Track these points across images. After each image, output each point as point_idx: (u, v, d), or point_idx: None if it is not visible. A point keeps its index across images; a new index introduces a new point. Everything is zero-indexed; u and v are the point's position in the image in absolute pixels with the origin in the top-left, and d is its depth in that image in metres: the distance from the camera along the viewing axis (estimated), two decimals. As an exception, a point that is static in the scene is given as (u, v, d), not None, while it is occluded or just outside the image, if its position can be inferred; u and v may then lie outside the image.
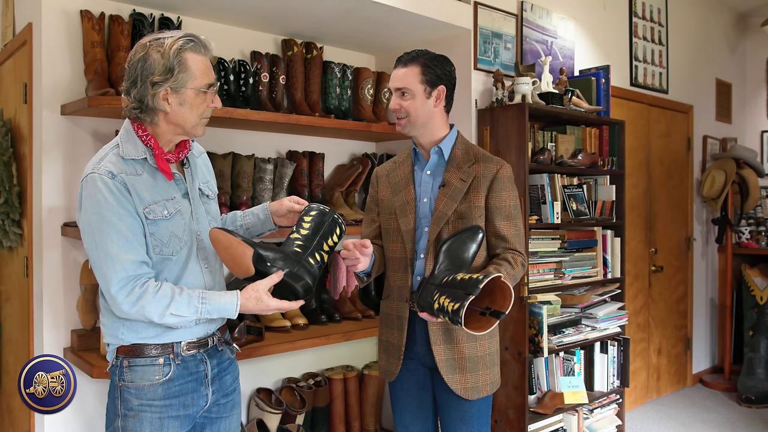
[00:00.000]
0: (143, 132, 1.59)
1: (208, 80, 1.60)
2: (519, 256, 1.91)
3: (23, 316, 2.49)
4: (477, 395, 1.90)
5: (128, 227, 1.51)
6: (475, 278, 1.62)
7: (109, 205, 1.50)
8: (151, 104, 1.55)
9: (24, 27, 2.41)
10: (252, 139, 2.86)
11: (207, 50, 1.60)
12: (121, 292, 1.48)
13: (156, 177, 1.60)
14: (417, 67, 1.88)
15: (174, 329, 1.60)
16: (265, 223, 1.89)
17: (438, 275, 1.75)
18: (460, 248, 1.79)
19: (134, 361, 1.58)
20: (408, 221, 1.94)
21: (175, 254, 1.60)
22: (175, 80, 1.53)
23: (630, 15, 4.14)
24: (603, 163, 3.36)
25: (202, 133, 1.65)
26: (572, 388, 3.09)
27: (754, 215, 4.99)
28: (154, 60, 1.52)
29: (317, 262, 1.66)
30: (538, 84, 3.07)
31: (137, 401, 1.57)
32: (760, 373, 4.40)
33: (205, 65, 1.59)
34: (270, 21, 2.79)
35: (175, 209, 1.61)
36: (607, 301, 3.40)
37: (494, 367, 1.96)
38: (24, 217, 2.53)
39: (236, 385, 1.80)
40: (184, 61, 1.54)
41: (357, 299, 3.03)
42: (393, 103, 1.93)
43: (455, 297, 1.62)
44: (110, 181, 1.51)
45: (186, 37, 1.56)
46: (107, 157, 1.56)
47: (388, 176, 2.05)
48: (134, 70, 1.55)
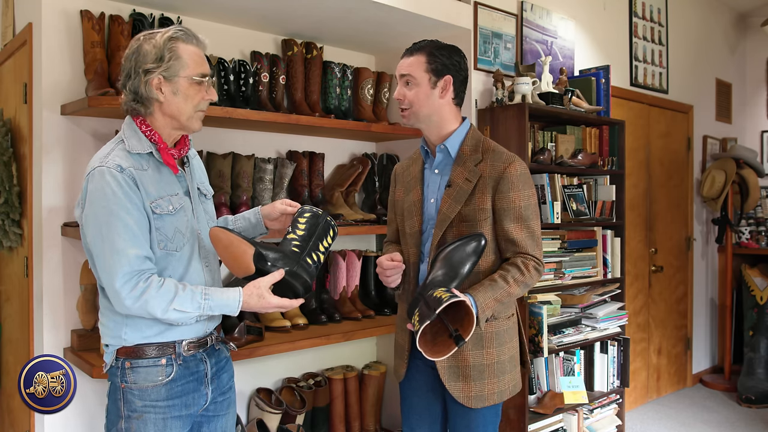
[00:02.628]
0: (146, 127, 1.60)
1: (202, 70, 1.60)
2: (531, 260, 1.78)
3: (23, 316, 2.49)
4: (481, 404, 1.80)
5: (135, 221, 1.51)
6: (440, 298, 1.57)
7: (117, 198, 1.50)
8: (145, 93, 1.56)
9: (24, 27, 2.40)
10: (252, 139, 2.86)
11: (199, 42, 1.62)
12: (126, 286, 1.48)
13: (161, 172, 1.62)
14: (423, 55, 1.80)
15: (175, 327, 1.60)
16: (257, 226, 1.90)
17: (428, 285, 1.69)
18: (457, 259, 1.70)
19: (136, 363, 1.58)
20: (413, 223, 1.88)
21: (179, 250, 1.61)
22: (166, 68, 1.55)
23: (630, 15, 4.14)
24: (603, 163, 3.36)
25: (199, 127, 1.65)
26: (572, 388, 3.09)
27: (754, 215, 4.99)
28: (146, 50, 1.55)
29: (314, 262, 1.67)
30: (538, 84, 3.07)
31: (141, 402, 1.58)
32: (760, 373, 4.40)
33: (198, 55, 1.60)
34: (270, 21, 2.78)
35: (179, 205, 1.62)
36: (607, 301, 3.40)
37: (504, 375, 1.83)
38: (24, 217, 2.53)
39: (232, 383, 1.82)
40: (175, 50, 1.56)
41: (357, 299, 3.03)
42: (397, 92, 1.84)
43: (422, 315, 1.60)
44: (119, 175, 1.51)
45: (177, 29, 1.59)
46: (114, 151, 1.56)
47: (403, 175, 2.00)
48: (128, 62, 1.58)
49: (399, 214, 1.97)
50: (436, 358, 1.63)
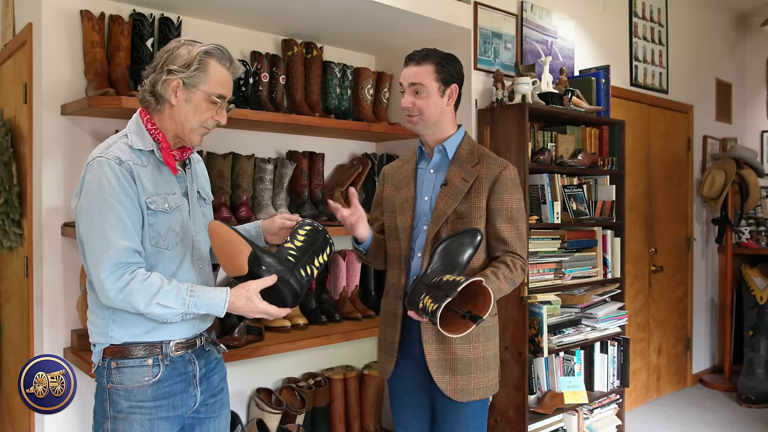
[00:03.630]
0: (152, 125, 1.62)
1: (221, 92, 1.62)
2: (519, 260, 1.89)
3: (23, 316, 2.49)
4: (467, 398, 1.87)
5: (128, 214, 1.52)
6: (456, 281, 1.62)
7: (112, 189, 1.50)
8: (161, 91, 1.58)
9: (24, 27, 2.40)
10: (252, 139, 2.86)
11: (231, 66, 1.65)
12: (111, 277, 1.48)
13: (161, 170, 1.63)
14: (431, 65, 1.87)
15: (164, 327, 1.59)
16: (257, 240, 1.90)
17: (429, 275, 1.75)
18: (456, 250, 1.77)
19: (122, 363, 1.58)
20: (405, 219, 1.94)
21: (170, 248, 1.60)
22: (190, 76, 1.57)
23: (630, 15, 4.14)
24: (603, 163, 3.36)
25: (198, 142, 1.66)
26: (572, 388, 3.09)
27: (754, 215, 4.99)
28: (180, 53, 1.58)
29: (307, 275, 1.66)
30: (538, 84, 3.07)
31: (126, 403, 1.57)
32: (760, 373, 4.40)
33: (224, 77, 1.63)
34: (270, 21, 2.79)
35: (175, 204, 1.63)
36: (607, 301, 3.40)
37: (489, 371, 1.92)
38: (24, 217, 2.53)
39: (224, 385, 1.80)
40: (205, 64, 1.59)
41: (357, 299, 3.03)
42: (406, 100, 1.90)
43: (436, 298, 1.63)
44: (117, 167, 1.52)
45: (218, 47, 1.62)
46: (116, 144, 1.58)
47: (394, 174, 2.06)
48: (160, 57, 1.61)
49: (388, 210, 2.02)
50: (456, 335, 1.66)
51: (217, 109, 1.64)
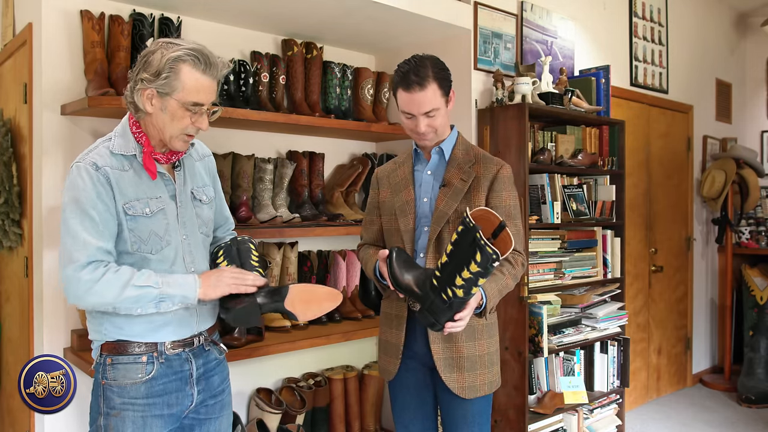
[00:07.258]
0: (137, 129, 1.61)
1: (195, 99, 1.55)
2: (519, 256, 1.92)
3: (23, 316, 2.49)
4: (474, 394, 1.90)
5: (101, 219, 1.52)
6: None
7: (86, 193, 1.52)
8: (136, 100, 1.57)
9: (24, 27, 2.40)
10: (252, 139, 2.86)
11: (209, 69, 1.55)
12: (86, 269, 1.49)
13: (142, 175, 1.61)
14: (434, 83, 1.83)
15: (159, 329, 1.59)
16: None
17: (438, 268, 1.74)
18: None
19: (117, 359, 1.59)
20: (407, 221, 1.94)
21: (154, 253, 1.60)
22: (161, 85, 1.53)
23: (630, 15, 4.14)
24: (603, 163, 3.36)
25: (182, 148, 1.63)
26: (572, 388, 3.09)
27: (754, 215, 4.99)
28: (152, 60, 1.54)
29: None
30: (538, 84, 3.07)
31: (120, 399, 1.57)
32: (760, 373, 4.40)
33: (199, 83, 1.55)
34: (270, 21, 2.79)
35: (157, 208, 1.61)
36: (607, 301, 3.40)
37: (493, 367, 1.96)
38: (24, 217, 2.53)
39: (225, 386, 1.79)
40: (177, 71, 1.53)
41: (357, 299, 3.03)
42: (422, 126, 1.86)
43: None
44: (94, 173, 1.53)
45: (191, 51, 1.54)
46: (96, 149, 1.59)
47: (389, 177, 2.06)
48: (138, 62, 1.58)
49: (387, 214, 2.02)
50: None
51: (194, 117, 1.58)
